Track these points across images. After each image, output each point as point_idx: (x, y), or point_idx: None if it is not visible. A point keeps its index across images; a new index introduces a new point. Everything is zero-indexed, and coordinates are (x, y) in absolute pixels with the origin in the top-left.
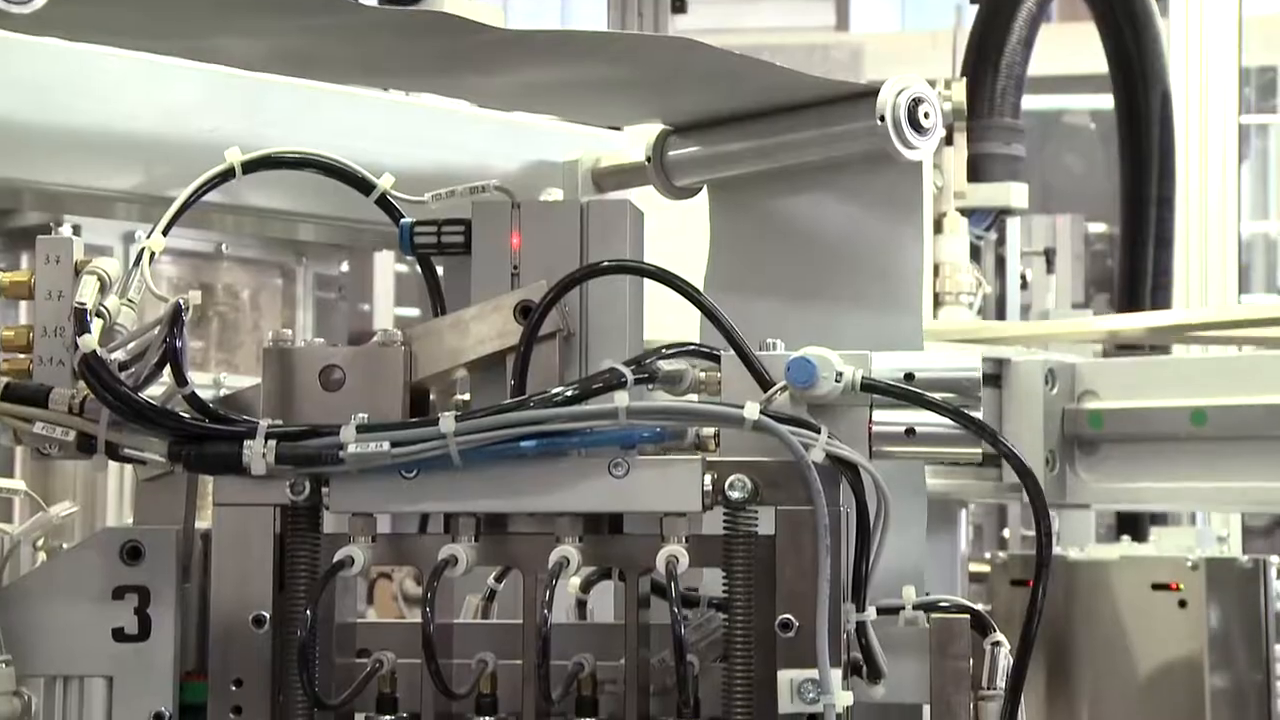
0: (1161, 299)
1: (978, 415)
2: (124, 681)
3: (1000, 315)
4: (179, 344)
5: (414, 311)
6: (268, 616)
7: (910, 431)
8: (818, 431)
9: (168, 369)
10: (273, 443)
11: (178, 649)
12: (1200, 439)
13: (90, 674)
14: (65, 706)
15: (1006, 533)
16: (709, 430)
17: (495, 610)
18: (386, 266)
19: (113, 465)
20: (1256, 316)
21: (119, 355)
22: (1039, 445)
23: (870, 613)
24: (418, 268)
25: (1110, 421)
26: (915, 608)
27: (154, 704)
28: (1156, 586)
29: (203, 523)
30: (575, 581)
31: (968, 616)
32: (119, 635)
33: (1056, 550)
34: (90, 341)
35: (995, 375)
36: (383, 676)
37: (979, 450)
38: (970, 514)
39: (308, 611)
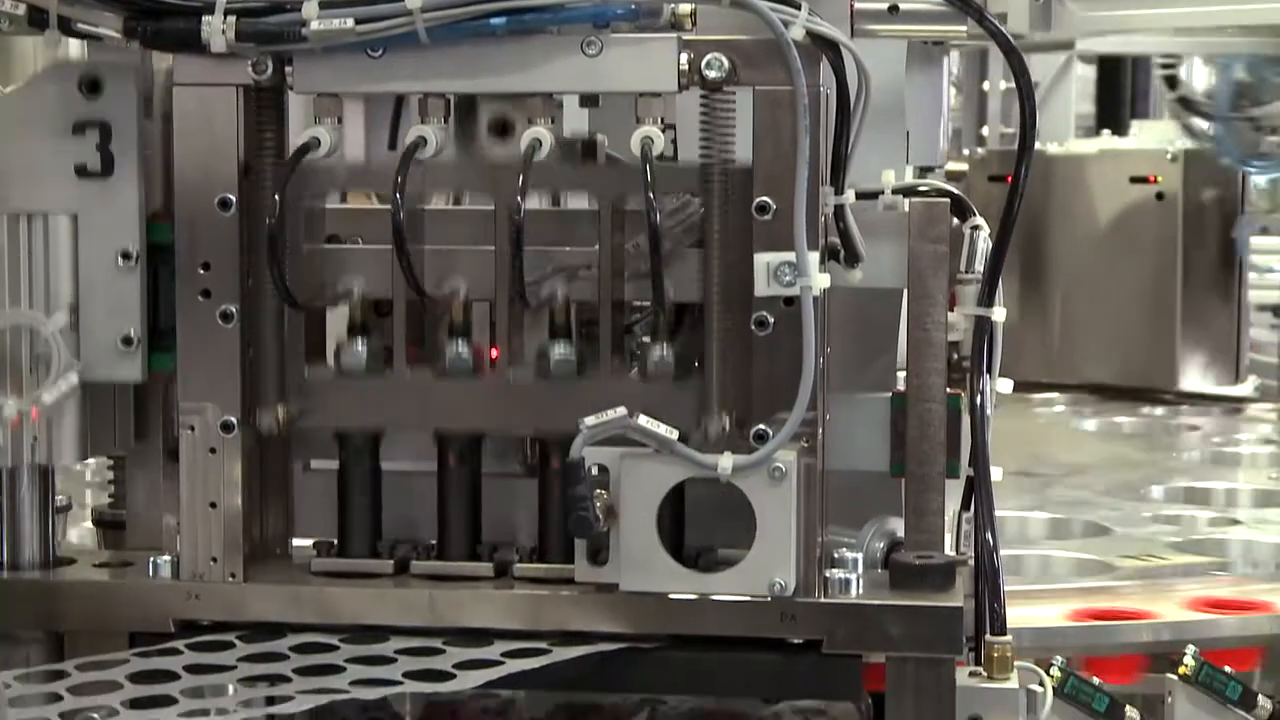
0: None
1: None
2: (89, 219)
3: None
4: None
5: None
6: (233, 200)
7: (894, 9)
8: (798, 8)
9: None
10: (232, 18)
11: (142, 187)
12: None
13: (54, 211)
14: (31, 244)
15: (985, 130)
16: (685, 7)
17: (468, 199)
18: None
19: (74, 54)
20: None
21: None
22: None
23: (849, 196)
24: None
25: None
26: (894, 192)
27: (120, 242)
28: (1135, 179)
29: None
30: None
31: (948, 200)
32: (81, 171)
33: (1035, 145)
34: None
35: None
36: (354, 304)
37: (964, 28)
38: (950, 119)
39: (275, 197)
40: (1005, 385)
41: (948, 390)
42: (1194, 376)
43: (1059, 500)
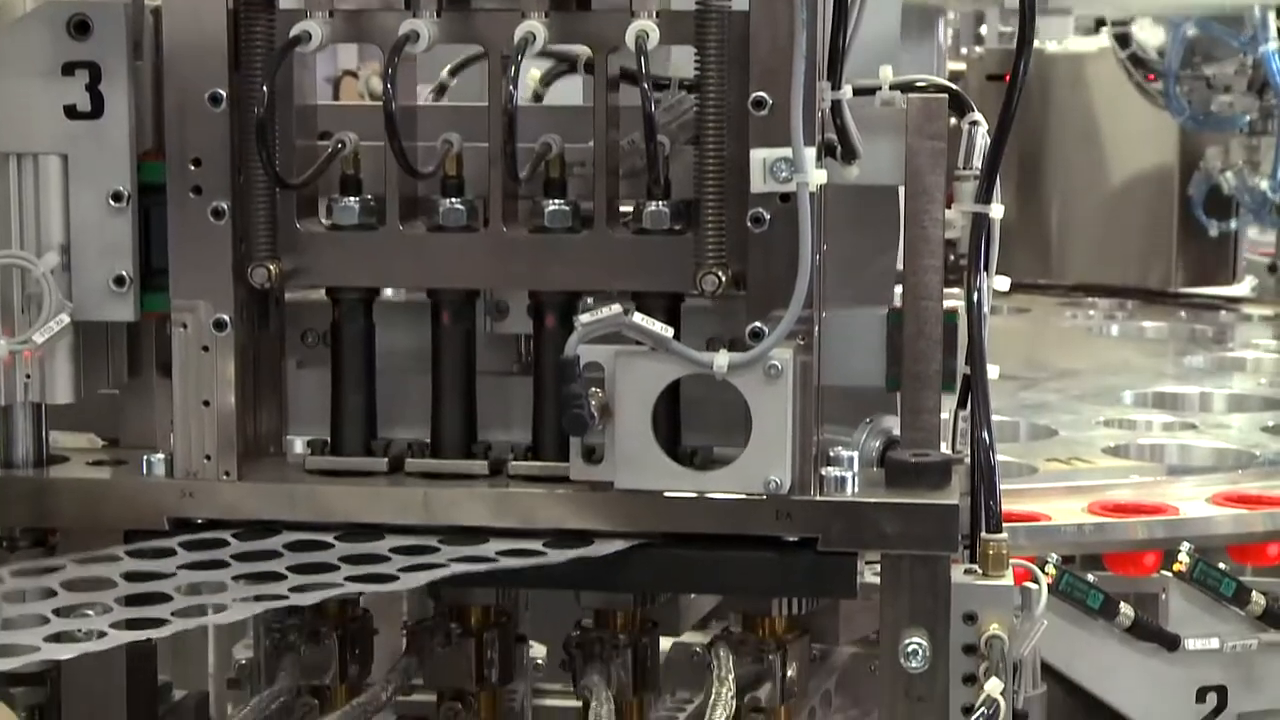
0: None
1: None
2: (79, 159)
3: None
4: None
5: None
6: (224, 95)
7: None
8: None
9: None
10: None
11: (133, 127)
12: None
13: (44, 151)
14: (21, 185)
15: (984, 29)
16: None
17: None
18: None
19: None
20: None
21: None
22: None
23: (846, 91)
24: None
25: None
26: (892, 88)
27: (111, 183)
28: None
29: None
30: (535, 74)
31: (946, 96)
32: (71, 112)
33: (1034, 43)
34: None
35: None
36: (345, 157)
37: None
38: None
39: (264, 88)
40: (1002, 282)
41: (945, 308)
42: (1190, 276)
43: (1025, 404)
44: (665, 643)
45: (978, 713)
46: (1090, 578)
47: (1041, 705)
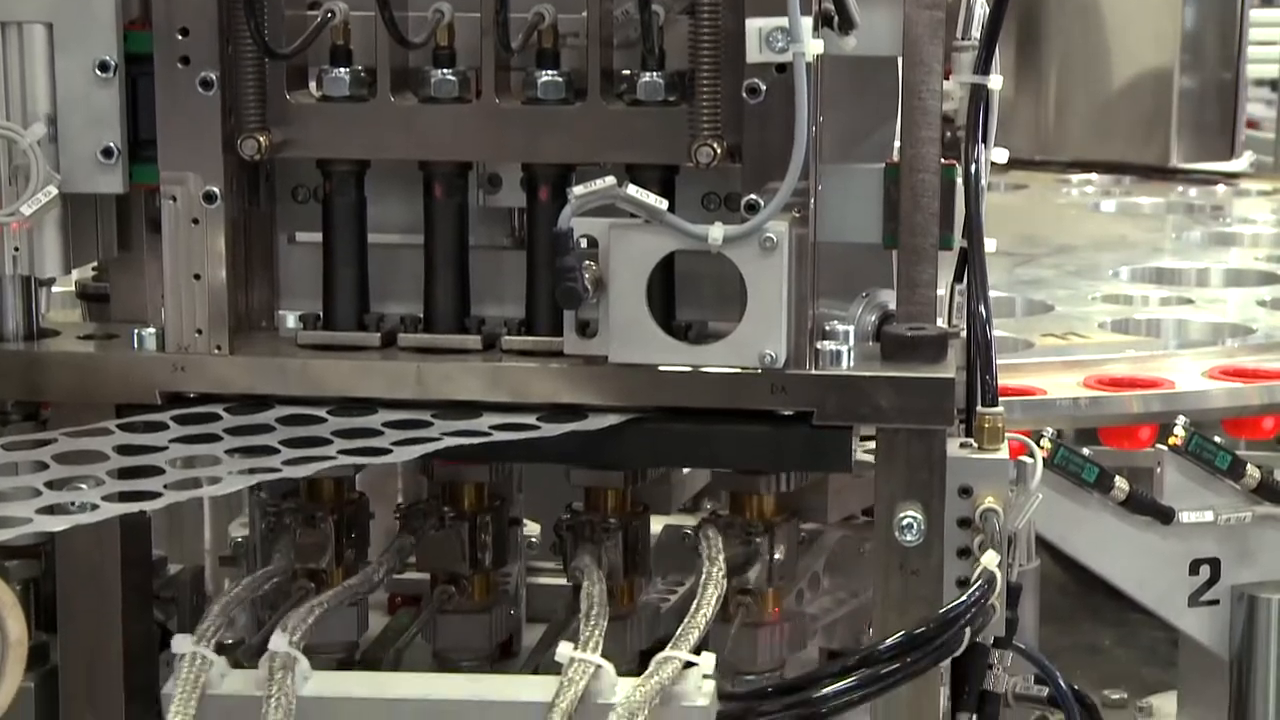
0: None
1: None
2: (64, 28)
3: None
4: None
5: None
6: None
7: None
8: None
9: None
10: None
11: None
12: None
13: (29, 20)
14: (6, 54)
15: None
16: None
17: None
18: None
19: None
20: None
21: None
22: None
23: None
24: None
25: None
26: None
27: (97, 52)
28: None
29: None
30: None
31: None
32: None
33: None
34: None
35: None
36: (335, 27)
37: None
38: None
39: None
40: (1000, 155)
41: (942, 161)
42: (1189, 151)
43: (1022, 279)
44: (656, 527)
45: (973, 586)
46: (1085, 451)
47: (1036, 578)
